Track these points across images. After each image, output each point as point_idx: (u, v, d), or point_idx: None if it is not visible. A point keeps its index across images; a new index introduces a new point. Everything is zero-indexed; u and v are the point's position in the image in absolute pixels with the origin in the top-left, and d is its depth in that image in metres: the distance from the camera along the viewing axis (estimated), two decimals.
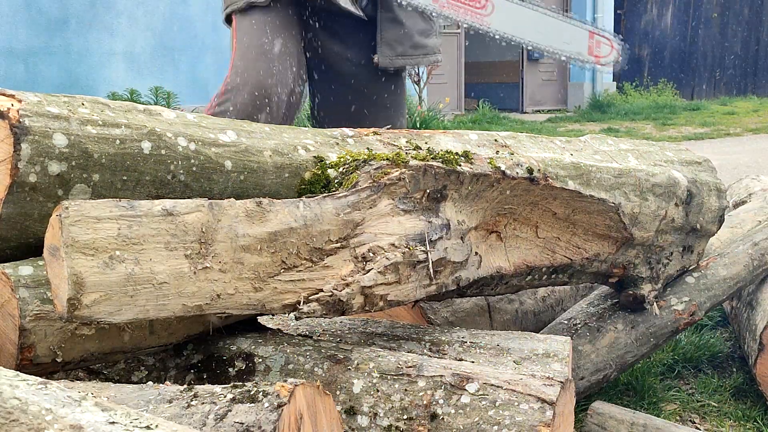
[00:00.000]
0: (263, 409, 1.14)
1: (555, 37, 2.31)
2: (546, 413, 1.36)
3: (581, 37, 2.27)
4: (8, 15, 8.61)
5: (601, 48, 2.22)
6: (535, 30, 2.32)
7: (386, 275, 1.55)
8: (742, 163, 7.61)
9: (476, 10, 2.37)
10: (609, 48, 2.23)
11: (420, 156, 1.69)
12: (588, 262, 2.05)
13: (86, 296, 1.22)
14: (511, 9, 2.34)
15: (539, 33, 2.32)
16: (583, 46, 2.26)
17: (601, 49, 2.22)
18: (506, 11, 2.34)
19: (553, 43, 2.34)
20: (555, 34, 2.30)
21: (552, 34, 2.30)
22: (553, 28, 2.30)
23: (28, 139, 1.35)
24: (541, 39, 2.35)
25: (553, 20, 2.32)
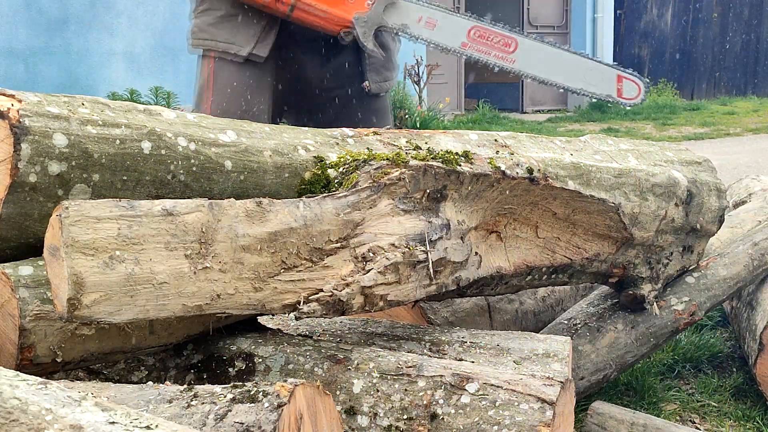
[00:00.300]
0: (263, 409, 1.14)
1: (582, 77, 2.35)
2: (546, 413, 1.36)
3: (609, 79, 2.31)
4: (8, 15, 8.61)
5: (627, 88, 2.27)
6: (563, 71, 2.31)
7: (386, 275, 1.55)
8: (742, 163, 7.61)
9: (504, 51, 2.39)
10: (636, 89, 2.29)
11: (420, 156, 1.69)
12: (588, 262, 2.05)
13: (86, 296, 1.22)
14: (536, 49, 2.34)
15: (567, 74, 2.35)
16: (612, 88, 2.30)
17: (627, 89, 2.26)
18: (532, 51, 2.34)
19: (582, 84, 2.37)
20: (581, 74, 2.34)
21: (579, 75, 2.35)
22: (579, 69, 2.34)
23: (28, 139, 1.35)
24: (568, 79, 2.36)
25: (580, 60, 2.35)
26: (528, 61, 2.39)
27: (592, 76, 2.31)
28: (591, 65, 2.30)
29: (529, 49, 2.39)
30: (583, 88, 2.28)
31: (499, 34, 2.43)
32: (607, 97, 2.24)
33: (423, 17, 2.44)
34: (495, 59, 2.42)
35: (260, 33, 2.64)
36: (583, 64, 2.31)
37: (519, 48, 2.37)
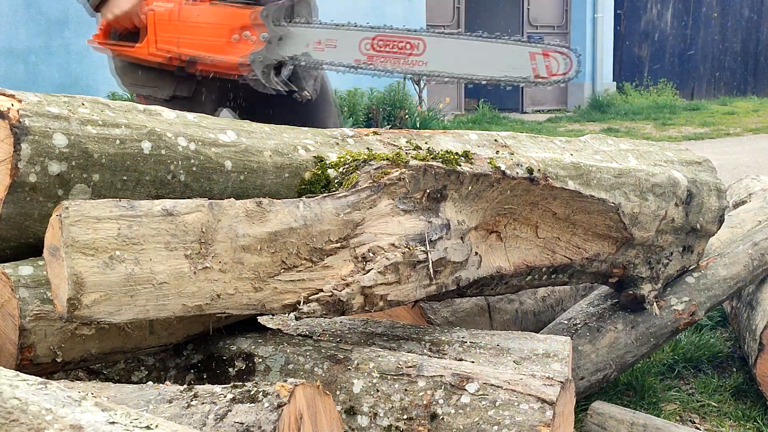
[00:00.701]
0: (263, 409, 1.14)
1: (498, 63, 2.09)
2: (546, 413, 1.36)
3: (524, 59, 2.04)
4: (8, 15, 8.61)
5: (552, 64, 2.01)
6: (478, 61, 2.10)
7: (386, 275, 1.55)
8: (742, 163, 7.61)
9: (412, 54, 2.20)
10: (567, 61, 2.01)
11: (420, 156, 1.69)
12: (588, 262, 2.05)
13: (86, 296, 1.22)
14: (446, 44, 2.15)
15: (482, 63, 2.10)
16: (527, 68, 2.02)
17: (552, 65, 2.01)
18: (442, 48, 2.14)
19: (497, 71, 2.11)
20: (498, 60, 2.08)
21: (494, 61, 2.09)
22: (494, 54, 2.08)
23: (28, 139, 1.35)
24: (484, 69, 2.12)
25: (493, 46, 2.09)
26: (439, 59, 2.17)
27: (509, 59, 2.09)
28: (505, 48, 2.05)
29: (438, 47, 2.15)
30: (503, 75, 2.03)
31: (403, 38, 2.21)
32: (525, 80, 2.06)
33: (321, 40, 2.26)
34: (405, 66, 2.20)
35: (176, 77, 2.53)
36: (497, 49, 2.06)
37: (427, 48, 2.19)
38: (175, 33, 2.28)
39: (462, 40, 2.15)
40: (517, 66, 2.03)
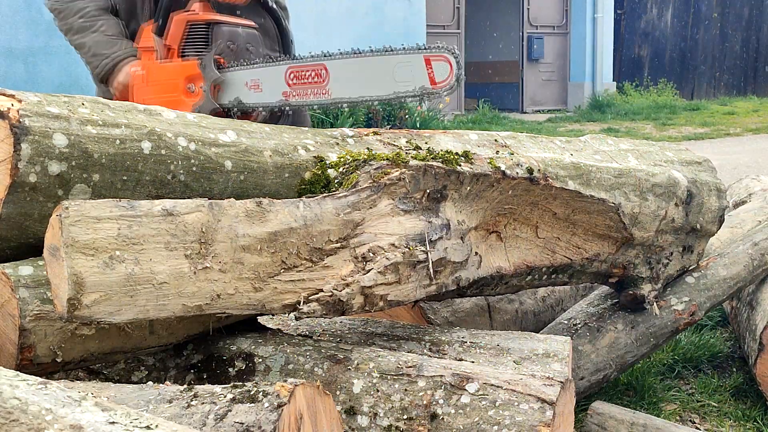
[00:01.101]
0: (263, 409, 1.14)
1: (392, 78, 1.92)
2: (546, 413, 1.36)
3: (419, 66, 1.86)
4: (8, 15, 8.61)
5: (438, 71, 1.82)
6: (375, 79, 1.96)
7: (386, 275, 1.55)
8: (742, 163, 7.61)
9: (318, 84, 2.09)
10: (447, 68, 1.81)
11: (420, 156, 1.69)
12: (588, 262, 2.05)
13: (86, 296, 1.22)
14: (346, 68, 2.03)
15: (379, 81, 1.95)
16: (424, 77, 1.84)
17: (438, 71, 1.81)
18: (342, 72, 2.02)
19: (393, 88, 1.93)
20: (392, 75, 1.91)
21: (389, 77, 1.92)
22: (389, 69, 1.91)
23: (28, 139, 1.35)
24: (381, 88, 1.96)
25: (387, 59, 1.92)
26: (341, 85, 2.05)
27: (402, 72, 1.87)
28: (398, 60, 1.88)
29: (339, 72, 2.04)
30: (396, 92, 1.87)
31: (308, 66, 2.10)
32: (421, 90, 1.82)
33: (248, 82, 2.22)
34: (314, 98, 2.11)
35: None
36: (391, 61, 1.90)
37: (330, 74, 2.02)
38: (144, 94, 2.35)
39: (362, 58, 2.02)
40: (413, 77, 1.91)
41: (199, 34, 2.30)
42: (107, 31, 2.49)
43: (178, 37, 2.33)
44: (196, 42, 2.31)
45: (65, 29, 2.55)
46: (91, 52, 2.49)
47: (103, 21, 2.51)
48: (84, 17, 2.50)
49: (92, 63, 2.49)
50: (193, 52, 2.30)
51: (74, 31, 2.52)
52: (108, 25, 2.50)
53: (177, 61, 2.31)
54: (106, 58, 2.46)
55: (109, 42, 2.48)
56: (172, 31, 2.32)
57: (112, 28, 2.50)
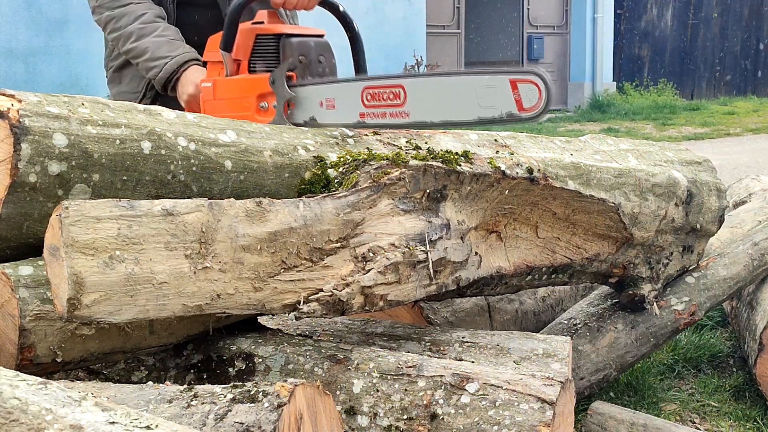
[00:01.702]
0: (263, 409, 1.14)
1: (476, 101, 1.78)
2: (546, 413, 1.36)
3: (504, 89, 1.72)
4: (8, 15, 8.61)
5: (525, 95, 1.68)
6: (457, 102, 1.82)
7: (386, 275, 1.55)
8: (742, 163, 7.61)
9: (395, 105, 2.01)
10: (536, 93, 1.67)
11: (420, 156, 1.69)
12: (588, 262, 2.05)
13: (86, 296, 1.22)
14: (425, 88, 1.89)
15: (461, 104, 1.80)
16: (510, 101, 1.71)
17: (526, 96, 1.68)
18: (422, 93, 1.89)
19: (477, 112, 1.80)
20: (475, 98, 1.77)
21: (473, 100, 1.78)
22: (472, 91, 1.78)
23: (28, 139, 1.35)
24: (462, 112, 1.82)
25: (471, 80, 1.80)
26: (420, 107, 1.91)
27: (487, 95, 1.74)
28: (484, 81, 1.76)
29: (418, 93, 1.90)
30: (480, 117, 1.74)
31: (386, 86, 2.02)
32: (508, 116, 1.70)
33: (323, 101, 2.10)
34: (391, 119, 1.97)
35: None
36: (476, 83, 1.77)
37: (408, 95, 1.89)
38: (214, 109, 2.28)
39: (441, 78, 1.94)
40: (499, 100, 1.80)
41: (268, 46, 2.22)
42: (168, 34, 2.42)
43: (246, 51, 2.25)
44: (265, 55, 2.23)
45: (120, 36, 2.46)
46: (151, 55, 2.40)
47: (162, 25, 2.44)
48: (143, 22, 2.43)
49: (153, 67, 2.40)
50: (263, 66, 2.22)
51: (132, 38, 2.43)
52: (167, 29, 2.43)
53: (246, 76, 2.23)
54: (170, 60, 2.38)
55: (169, 44, 2.40)
56: (240, 43, 2.24)
57: (172, 32, 2.44)
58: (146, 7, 2.44)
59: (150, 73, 2.42)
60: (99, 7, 2.48)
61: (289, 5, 2.26)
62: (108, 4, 2.45)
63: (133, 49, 2.43)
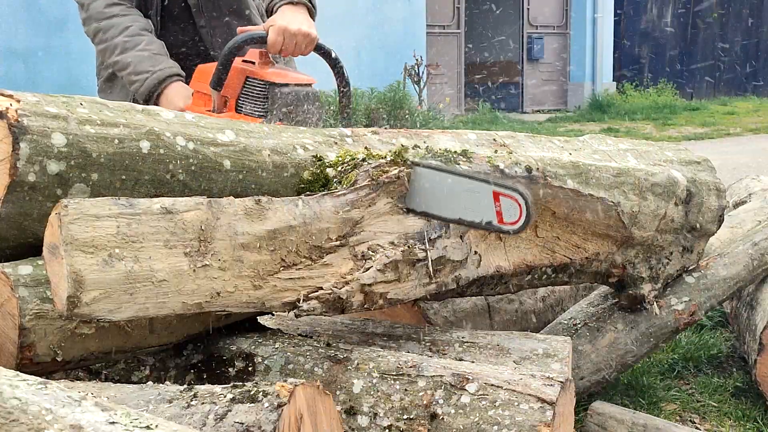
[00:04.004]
0: (263, 409, 1.14)
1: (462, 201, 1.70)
2: (546, 413, 1.36)
3: (487, 199, 1.65)
4: (8, 15, 8.61)
5: (506, 209, 1.62)
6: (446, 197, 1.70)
7: (386, 273, 1.55)
8: (742, 163, 7.61)
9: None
10: (516, 210, 1.61)
11: (419, 154, 1.69)
12: (588, 262, 2.05)
13: (86, 294, 1.22)
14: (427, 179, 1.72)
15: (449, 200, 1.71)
16: (491, 212, 1.64)
17: (507, 210, 1.62)
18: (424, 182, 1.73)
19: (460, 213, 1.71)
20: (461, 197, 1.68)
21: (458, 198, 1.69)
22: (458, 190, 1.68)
23: (26, 138, 1.35)
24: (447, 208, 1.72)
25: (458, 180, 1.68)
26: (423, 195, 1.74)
27: (470, 198, 1.65)
28: (469, 185, 1.66)
29: (421, 182, 1.72)
30: (461, 218, 1.66)
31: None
32: (487, 225, 1.64)
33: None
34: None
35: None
36: (462, 184, 1.67)
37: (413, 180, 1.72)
38: None
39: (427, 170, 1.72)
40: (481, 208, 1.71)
41: (256, 90, 2.25)
42: (151, 48, 2.43)
43: (235, 90, 2.28)
44: (253, 98, 2.25)
45: (106, 48, 2.47)
46: (133, 69, 2.41)
47: (147, 39, 2.44)
48: (128, 35, 2.43)
49: (135, 81, 2.41)
50: (250, 108, 2.24)
51: (117, 50, 2.44)
52: (151, 43, 2.44)
53: (242, 116, 2.23)
54: (151, 75, 2.39)
55: (152, 58, 2.41)
56: (230, 82, 2.27)
57: (156, 46, 2.44)
58: (132, 20, 2.46)
59: (132, 86, 2.43)
60: (88, 19, 2.49)
61: (285, 53, 2.29)
62: (96, 16, 2.46)
63: (118, 62, 2.44)
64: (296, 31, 2.26)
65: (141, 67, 2.40)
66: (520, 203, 1.59)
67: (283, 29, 2.25)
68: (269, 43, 2.25)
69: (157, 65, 2.40)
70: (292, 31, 2.26)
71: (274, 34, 2.24)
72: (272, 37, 2.24)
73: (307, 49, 2.33)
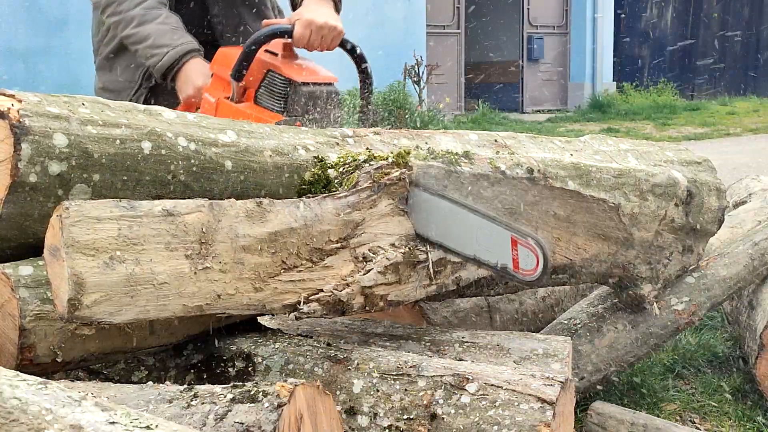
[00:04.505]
0: (263, 409, 1.14)
1: (477, 240, 1.68)
2: (546, 413, 1.36)
3: (503, 244, 1.64)
4: (8, 15, 8.61)
5: (523, 257, 1.61)
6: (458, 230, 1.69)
7: (386, 275, 1.55)
8: (742, 163, 7.61)
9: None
10: (533, 259, 1.59)
11: (420, 156, 1.69)
12: (588, 263, 2.05)
13: (87, 297, 1.22)
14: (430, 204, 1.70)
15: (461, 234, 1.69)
16: (507, 256, 1.63)
17: (523, 258, 1.60)
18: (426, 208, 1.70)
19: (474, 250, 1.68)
20: (474, 235, 1.67)
21: (473, 237, 1.68)
22: (472, 228, 1.67)
23: (28, 139, 1.35)
24: (464, 244, 1.70)
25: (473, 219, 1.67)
26: (420, 221, 1.72)
27: (486, 239, 1.64)
28: (487, 226, 1.64)
29: (420, 206, 1.71)
30: (476, 256, 1.64)
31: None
32: (502, 269, 1.62)
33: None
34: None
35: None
36: (480, 224, 1.66)
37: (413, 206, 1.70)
38: None
39: (446, 203, 1.70)
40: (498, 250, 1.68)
41: (277, 85, 2.21)
42: (171, 22, 2.36)
43: (255, 81, 2.23)
44: (273, 92, 2.21)
45: (120, 21, 2.38)
46: (153, 42, 2.33)
47: (165, 13, 2.38)
48: (145, 8, 2.36)
49: (154, 55, 2.33)
50: (268, 102, 2.20)
51: (134, 23, 2.35)
52: (170, 17, 2.37)
53: (251, 112, 2.19)
54: (172, 49, 2.32)
55: (173, 32, 2.34)
56: (251, 71, 2.22)
57: (174, 20, 2.38)
58: None
59: (150, 60, 2.36)
60: None
61: (310, 48, 2.24)
62: None
63: (134, 35, 2.37)
64: (323, 24, 2.21)
65: (161, 40, 2.34)
66: (537, 253, 1.57)
67: (309, 23, 2.20)
68: (295, 37, 2.20)
69: (178, 40, 2.34)
70: (319, 24, 2.21)
71: (300, 28, 2.19)
72: (298, 31, 2.19)
73: (333, 44, 2.28)
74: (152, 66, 2.36)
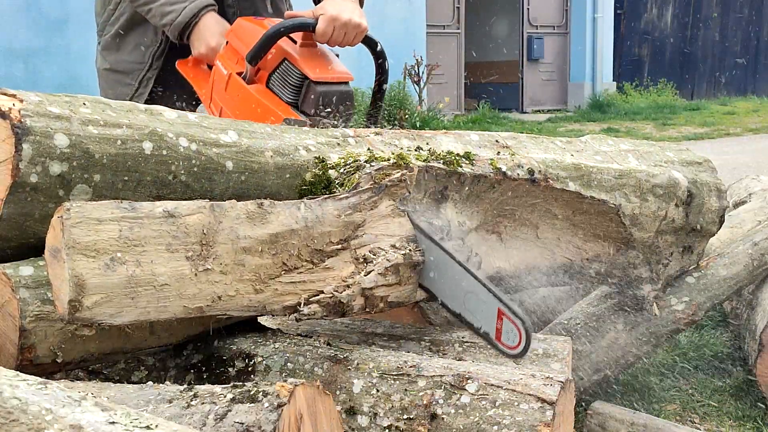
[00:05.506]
0: (263, 409, 1.14)
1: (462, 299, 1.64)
2: (546, 413, 1.36)
3: (490, 311, 1.59)
4: (8, 15, 8.61)
5: (506, 330, 1.56)
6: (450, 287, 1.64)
7: (387, 276, 1.55)
8: (742, 163, 7.61)
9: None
10: (516, 334, 1.54)
11: (421, 157, 1.69)
12: (588, 263, 2.05)
13: (87, 298, 1.22)
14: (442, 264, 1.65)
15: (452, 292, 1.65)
16: (491, 325, 1.58)
17: (506, 332, 1.55)
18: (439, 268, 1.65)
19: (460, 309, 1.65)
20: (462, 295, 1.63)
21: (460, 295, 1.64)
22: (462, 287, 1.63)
23: (29, 139, 1.35)
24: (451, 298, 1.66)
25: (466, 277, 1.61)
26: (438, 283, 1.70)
27: (474, 302, 1.61)
28: (476, 289, 1.60)
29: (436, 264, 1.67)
30: (462, 314, 1.61)
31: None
32: (485, 335, 1.59)
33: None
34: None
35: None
36: (470, 285, 1.61)
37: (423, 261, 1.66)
38: (222, 102, 2.24)
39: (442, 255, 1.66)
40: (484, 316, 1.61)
41: (291, 76, 2.18)
42: None
43: (270, 66, 2.20)
44: (285, 82, 2.18)
45: None
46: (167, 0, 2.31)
47: None
48: None
49: (170, 12, 2.30)
50: (279, 90, 2.18)
51: None
52: None
53: (264, 99, 2.17)
54: (190, 3, 2.28)
55: None
56: (269, 56, 2.18)
57: None
58: None
59: (166, 18, 2.33)
60: None
61: (333, 44, 2.22)
62: None
63: None
64: (347, 21, 2.17)
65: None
66: (521, 331, 1.54)
67: (333, 19, 2.16)
68: (318, 32, 2.16)
69: None
70: (343, 21, 2.16)
71: (323, 24, 2.15)
72: (322, 26, 2.16)
73: (356, 41, 2.24)
74: (168, 24, 2.33)
